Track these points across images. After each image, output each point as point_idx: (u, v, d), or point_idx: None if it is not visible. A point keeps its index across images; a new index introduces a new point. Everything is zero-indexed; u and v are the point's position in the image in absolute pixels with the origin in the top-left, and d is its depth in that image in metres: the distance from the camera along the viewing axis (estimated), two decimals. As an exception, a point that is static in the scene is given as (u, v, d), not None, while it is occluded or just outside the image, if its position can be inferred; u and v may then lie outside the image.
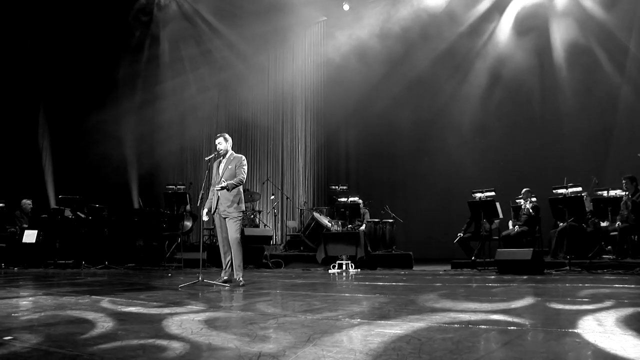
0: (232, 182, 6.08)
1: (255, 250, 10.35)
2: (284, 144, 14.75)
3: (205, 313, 3.59)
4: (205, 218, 6.27)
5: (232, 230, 6.07)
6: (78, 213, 10.17)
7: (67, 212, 10.19)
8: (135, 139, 14.57)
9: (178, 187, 12.07)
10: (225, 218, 6.13)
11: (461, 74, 12.17)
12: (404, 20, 12.62)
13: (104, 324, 3.14)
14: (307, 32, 14.56)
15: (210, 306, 4.02)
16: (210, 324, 3.14)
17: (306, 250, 10.80)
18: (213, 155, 6.36)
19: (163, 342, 2.56)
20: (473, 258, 8.73)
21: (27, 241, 9.43)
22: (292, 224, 13.10)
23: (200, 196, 6.27)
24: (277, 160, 14.78)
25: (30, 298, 4.68)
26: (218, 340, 2.63)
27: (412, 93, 12.38)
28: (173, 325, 3.06)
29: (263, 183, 14.14)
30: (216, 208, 6.17)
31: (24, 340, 2.76)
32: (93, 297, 4.72)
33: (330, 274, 8.38)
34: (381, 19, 12.94)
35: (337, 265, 9.01)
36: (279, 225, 13.61)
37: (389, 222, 10.52)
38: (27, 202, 10.85)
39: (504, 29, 11.73)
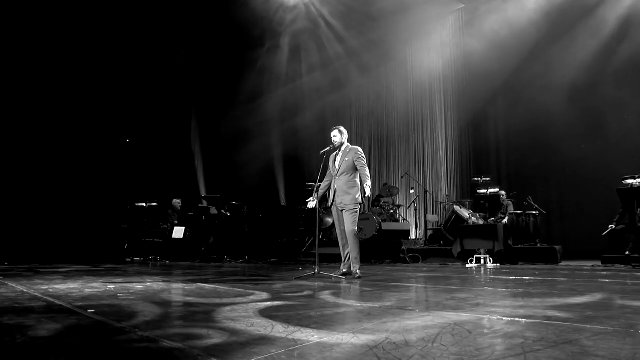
0: (367, 185, 5.93)
1: (392, 245, 10.18)
2: (424, 137, 14.26)
3: (277, 302, 3.50)
4: (310, 205, 6.31)
5: (349, 222, 5.97)
6: (222, 211, 10.91)
7: (213, 210, 10.99)
8: (280, 138, 15.26)
9: (318, 184, 12.31)
10: (342, 210, 6.07)
11: (609, 51, 10.64)
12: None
13: (176, 309, 3.24)
14: (444, 22, 13.98)
15: (292, 295, 3.92)
16: (269, 311, 3.03)
17: (446, 244, 10.38)
18: (328, 148, 6.36)
19: (204, 329, 2.51)
20: (627, 253, 7.53)
21: (176, 237, 10.41)
22: (433, 217, 12.60)
23: (315, 189, 6.32)
24: (418, 153, 14.34)
25: (148, 283, 5.06)
26: (259, 326, 2.51)
27: (560, 74, 11.07)
28: (235, 312, 3.02)
29: (402, 177, 13.82)
30: (333, 200, 6.17)
31: (97, 313, 2.99)
32: (199, 284, 4.97)
33: (467, 268, 7.88)
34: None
35: (474, 260, 8.52)
36: (420, 219, 13.17)
37: (532, 214, 9.54)
38: (177, 201, 11.92)
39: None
